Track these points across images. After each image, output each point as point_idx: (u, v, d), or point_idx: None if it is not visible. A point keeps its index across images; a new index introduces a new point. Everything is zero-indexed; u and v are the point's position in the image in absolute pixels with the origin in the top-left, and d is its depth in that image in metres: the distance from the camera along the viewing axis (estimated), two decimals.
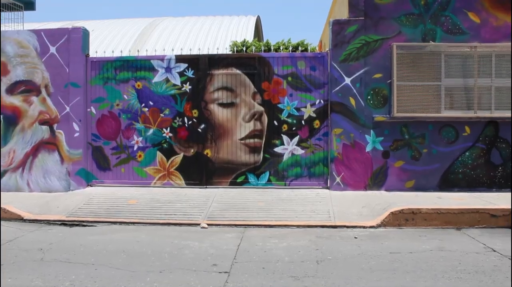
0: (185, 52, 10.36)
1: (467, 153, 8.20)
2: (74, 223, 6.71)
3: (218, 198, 7.67)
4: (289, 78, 8.39)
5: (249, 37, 20.93)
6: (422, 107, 8.04)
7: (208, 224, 6.55)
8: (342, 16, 8.65)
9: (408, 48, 8.09)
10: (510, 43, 8.08)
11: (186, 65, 8.53)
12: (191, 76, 8.52)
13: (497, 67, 8.13)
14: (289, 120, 8.39)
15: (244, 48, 15.53)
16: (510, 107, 8.11)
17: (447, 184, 8.19)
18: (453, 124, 8.17)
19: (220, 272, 4.56)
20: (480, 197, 7.51)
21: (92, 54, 8.87)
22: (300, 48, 16.10)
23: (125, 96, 8.63)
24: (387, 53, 8.13)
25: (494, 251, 5.28)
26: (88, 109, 8.65)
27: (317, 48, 13.02)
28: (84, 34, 8.64)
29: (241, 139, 8.44)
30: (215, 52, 9.17)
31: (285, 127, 8.40)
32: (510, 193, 7.58)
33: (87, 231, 6.33)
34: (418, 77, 8.07)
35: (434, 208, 6.60)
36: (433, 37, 8.18)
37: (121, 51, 9.25)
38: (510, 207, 6.59)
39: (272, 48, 11.79)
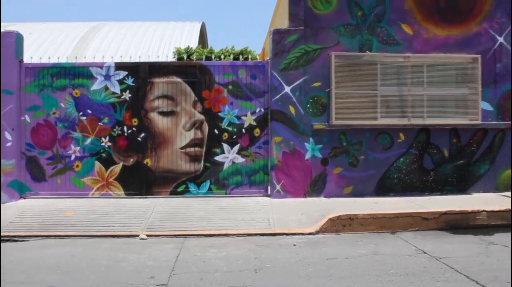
0: (126, 59, 10.20)
1: (401, 159, 8.50)
2: (4, 238, 6.40)
3: (158, 208, 7.56)
4: (230, 87, 8.42)
5: (194, 43, 20.85)
6: (359, 115, 8.28)
7: (147, 235, 6.44)
8: (283, 25, 8.77)
9: (346, 57, 8.31)
10: (442, 54, 8.49)
11: (126, 72, 8.38)
12: (131, 84, 8.38)
13: (428, 76, 8.50)
14: (230, 129, 8.41)
15: (187, 55, 15.46)
16: (440, 115, 8.51)
17: (383, 189, 8.46)
18: (389, 131, 8.46)
19: (157, 285, 4.49)
20: (414, 201, 7.80)
21: (28, 59, 8.58)
22: (243, 56, 16.22)
23: (62, 104, 8.37)
24: (326, 62, 8.31)
25: (425, 253, 5.48)
26: (22, 118, 8.33)
27: (258, 57, 13.13)
28: (17, 39, 8.33)
29: (182, 148, 8.38)
30: (157, 59, 9.08)
31: (225, 135, 8.41)
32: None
33: (18, 247, 6.06)
34: (356, 86, 8.31)
35: (370, 213, 6.78)
36: (370, 47, 8.44)
37: (58, 58, 9.00)
38: (440, 210, 6.89)
39: (214, 55, 11.80)
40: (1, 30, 8.38)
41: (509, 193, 8.52)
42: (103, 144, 8.35)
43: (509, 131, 8.75)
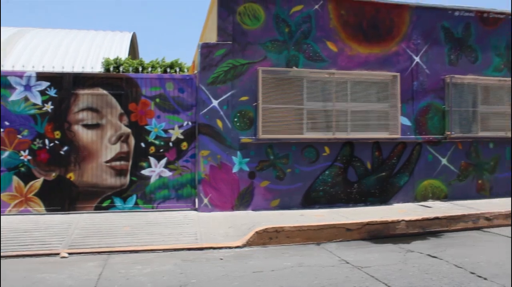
0: (49, 69, 9.82)
1: (326, 172, 8.75)
2: None
3: (82, 224, 7.30)
4: (157, 100, 8.32)
5: (124, 54, 20.40)
6: (286, 129, 8.46)
7: (69, 253, 6.18)
8: (212, 39, 8.82)
9: (273, 72, 8.48)
10: (364, 71, 8.87)
11: (48, 83, 8.06)
12: (54, 95, 8.07)
13: (352, 92, 8.85)
14: (157, 142, 8.30)
15: (116, 66, 15.12)
16: (363, 129, 8.87)
17: (309, 201, 8.66)
18: (314, 145, 8.69)
19: None
20: (338, 212, 8.04)
21: None
22: (174, 68, 16.11)
23: None
24: (253, 77, 8.43)
25: (347, 263, 5.66)
26: None
27: (186, 70, 13.09)
28: None
29: (107, 162, 8.16)
30: (82, 70, 8.81)
31: (152, 149, 8.29)
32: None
33: None
34: (282, 100, 8.48)
35: (296, 225, 6.90)
36: (296, 63, 8.66)
37: None
38: (362, 221, 7.14)
39: (144, 67, 11.62)
40: None
41: (426, 203, 9.03)
42: (22, 157, 7.96)
43: (426, 145, 9.28)
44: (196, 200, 8.33)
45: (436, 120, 9.41)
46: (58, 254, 6.16)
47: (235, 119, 8.37)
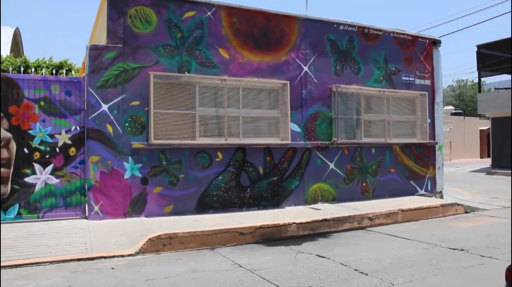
0: None
1: (220, 177, 8.87)
2: None
3: None
4: (42, 103, 7.86)
5: (5, 51, 18.98)
6: (179, 134, 8.44)
7: None
8: (102, 41, 8.54)
9: (165, 77, 8.42)
10: (256, 79, 9.12)
11: None
12: None
13: (244, 99, 9.06)
14: (42, 148, 7.84)
15: None
16: (255, 135, 9.12)
17: (203, 206, 8.71)
18: (207, 150, 8.76)
19: None
20: (232, 217, 8.17)
21: None
22: (63, 68, 15.32)
23: None
24: (144, 81, 8.30)
25: (241, 266, 5.78)
26: None
27: (73, 72, 12.54)
28: None
29: None
30: None
31: (37, 155, 7.81)
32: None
33: None
34: (175, 106, 8.46)
35: (189, 231, 6.91)
36: (189, 68, 8.67)
37: None
38: (255, 225, 7.33)
39: (28, 66, 10.93)
40: None
41: (316, 205, 9.50)
42: None
43: (315, 150, 9.76)
44: (86, 208, 8.00)
45: (324, 126, 9.95)
46: None
47: (126, 124, 8.18)
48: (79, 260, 6.15)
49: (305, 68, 9.79)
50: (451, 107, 44.47)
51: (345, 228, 8.09)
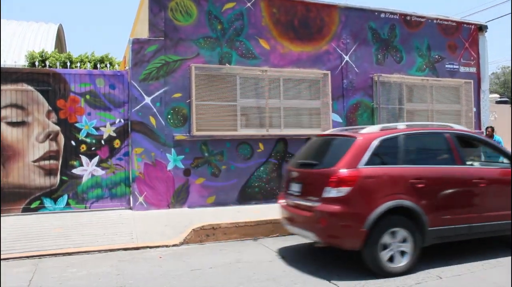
0: None
1: (261, 168, 8.88)
2: None
3: (8, 228, 6.93)
4: (87, 96, 8.07)
5: (50, 47, 19.45)
6: (220, 125, 8.50)
7: None
8: (144, 34, 8.66)
9: (206, 69, 8.47)
10: (296, 69, 9.06)
11: None
12: None
13: (284, 89, 9.01)
14: (88, 140, 8.06)
15: (42, 60, 14.45)
16: (296, 126, 9.07)
17: (245, 197, 8.75)
18: (249, 142, 8.78)
19: None
20: (274, 208, 8.12)
21: None
22: (104, 63, 15.60)
23: None
24: (186, 74, 8.38)
25: (284, 257, 5.78)
26: None
27: (117, 66, 12.77)
28: None
29: (35, 161, 7.81)
30: (4, 64, 8.36)
31: (83, 147, 8.03)
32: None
33: None
34: (216, 97, 8.51)
35: (232, 222, 6.96)
36: (229, 60, 8.70)
37: None
38: None
39: (72, 61, 11.19)
40: None
41: None
42: None
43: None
44: (131, 199, 8.18)
45: (366, 116, 9.81)
46: None
47: (169, 116, 8.29)
48: (125, 249, 6.30)
49: (346, 58, 9.66)
50: (496, 95, 43.05)
51: None
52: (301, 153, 6.24)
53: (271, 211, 7.85)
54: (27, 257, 5.97)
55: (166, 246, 6.45)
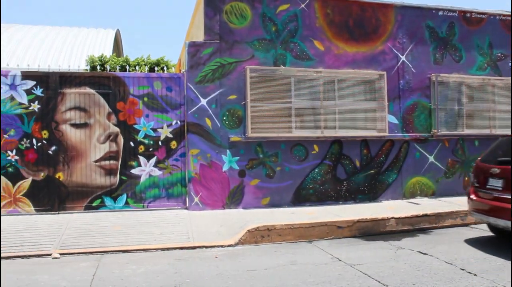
0: (34, 67, 9.71)
1: (316, 170, 8.82)
2: None
3: (72, 224, 7.25)
4: (145, 99, 8.29)
5: (108, 51, 20.19)
6: (275, 127, 8.51)
7: (60, 254, 6.13)
8: (199, 37, 8.81)
9: (261, 71, 8.51)
10: (351, 70, 8.95)
11: (34, 82, 7.97)
12: (40, 94, 7.99)
13: (339, 90, 8.92)
14: (146, 141, 8.28)
15: (101, 64, 14.99)
16: (351, 128, 8.96)
17: (299, 199, 8.72)
18: (303, 143, 8.75)
19: None
20: (329, 210, 8.11)
21: None
22: (160, 66, 16.00)
23: None
24: (241, 76, 8.46)
25: (340, 260, 5.73)
26: None
27: (173, 69, 13.04)
28: None
29: (96, 161, 8.11)
30: (70, 68, 8.75)
31: (141, 148, 8.26)
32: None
33: None
34: (271, 99, 8.52)
35: (287, 223, 6.96)
36: (284, 61, 8.70)
37: None
38: (353, 219, 7.23)
39: (129, 65, 11.54)
40: None
41: (414, 200, 9.16)
42: (9, 158, 7.87)
43: (413, 143, 9.41)
44: (187, 199, 8.33)
45: (423, 118, 9.55)
46: (50, 254, 6.12)
47: (224, 118, 8.39)
48: (182, 248, 6.44)
49: (402, 58, 9.45)
50: None
51: (447, 225, 7.73)
52: (494, 152, 6.79)
53: (326, 213, 7.81)
54: (90, 252, 6.23)
55: (222, 246, 6.53)
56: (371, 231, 7.24)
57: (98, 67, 15.32)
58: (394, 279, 4.94)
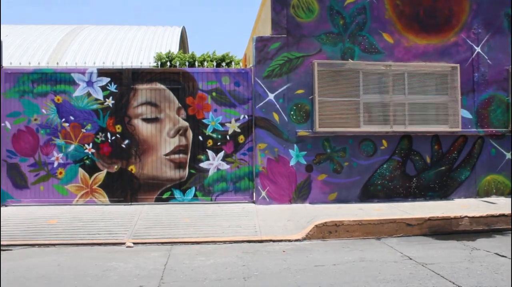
0: (110, 64, 10.12)
1: (384, 166, 8.63)
2: None
3: (144, 215, 7.52)
4: (214, 94, 8.44)
5: (174, 48, 20.75)
6: (343, 122, 8.39)
7: (133, 243, 6.40)
8: (266, 32, 8.84)
9: (329, 65, 8.41)
10: (422, 63, 8.66)
11: (108, 79, 8.33)
12: (114, 90, 8.33)
13: (409, 84, 8.66)
14: (214, 135, 8.43)
15: (168, 60, 15.40)
16: (421, 122, 8.68)
17: (367, 195, 8.57)
18: (372, 138, 8.58)
19: None
20: (397, 207, 7.92)
21: (6, 64, 8.42)
22: (225, 61, 16.23)
23: (43, 111, 8.27)
24: (308, 70, 8.40)
25: (410, 259, 5.57)
26: (2, 124, 8.20)
27: (240, 64, 13.17)
28: None
29: (166, 155, 8.36)
30: (139, 65, 9.05)
31: (210, 142, 8.42)
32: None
33: (3, 256, 5.95)
34: (338, 93, 8.41)
35: (355, 219, 6.86)
36: (352, 55, 8.56)
37: (39, 63, 8.87)
38: (423, 216, 7.01)
39: (197, 60, 11.78)
40: None
41: (489, 199, 8.74)
42: (86, 151, 8.28)
43: (488, 138, 8.98)
44: (254, 193, 8.41)
45: (500, 112, 9.07)
46: (123, 243, 6.39)
47: (291, 112, 8.38)
48: (249, 241, 6.50)
49: (477, 49, 9.02)
50: None
51: None
52: None
53: (394, 210, 7.64)
54: (161, 243, 6.44)
55: (289, 240, 6.54)
56: (442, 230, 6.98)
57: (165, 63, 15.75)
58: (470, 281, 4.72)
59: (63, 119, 8.28)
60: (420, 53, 8.80)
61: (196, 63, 13.60)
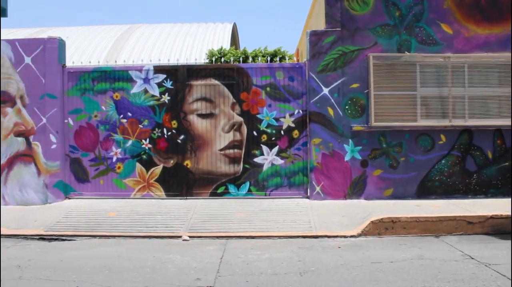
0: (163, 61, 10.34)
1: (443, 161, 8.37)
2: (53, 237, 6.59)
3: (199, 209, 7.65)
4: (268, 89, 8.44)
5: (226, 44, 20.90)
6: (399, 116, 8.20)
7: (189, 236, 6.52)
8: (319, 26, 8.75)
9: (384, 58, 8.23)
10: (484, 54, 8.32)
11: (164, 75, 8.50)
12: (170, 87, 8.50)
13: (469, 76, 8.34)
14: (268, 131, 8.44)
15: (221, 57, 15.53)
16: (482, 116, 8.34)
17: (424, 191, 8.34)
18: (429, 133, 8.33)
19: None
20: (457, 204, 7.67)
21: (68, 64, 8.76)
22: (277, 56, 16.18)
23: (103, 107, 8.56)
24: (363, 64, 8.26)
25: (472, 258, 5.38)
26: (66, 121, 8.54)
27: (294, 58, 13.12)
28: (60, 44, 8.53)
29: (221, 150, 8.45)
30: (192, 61, 9.20)
31: (264, 137, 8.44)
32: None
33: (66, 246, 6.22)
34: (395, 87, 8.22)
35: (413, 216, 6.71)
36: (408, 47, 8.34)
37: (98, 61, 9.17)
38: (485, 214, 6.75)
39: (249, 56, 11.82)
40: (44, 36, 8.60)
41: None
42: (143, 146, 8.50)
43: None
44: (308, 188, 8.37)
45: None
46: (180, 236, 6.53)
47: (346, 107, 8.27)
48: (304, 237, 6.50)
49: None
50: None
51: None
52: None
53: (454, 207, 7.41)
54: (216, 237, 6.54)
55: (344, 236, 6.48)
56: (506, 229, 6.67)
57: (219, 60, 15.88)
58: None
59: (121, 115, 8.53)
60: (481, 43, 8.44)
61: (250, 59, 13.65)
